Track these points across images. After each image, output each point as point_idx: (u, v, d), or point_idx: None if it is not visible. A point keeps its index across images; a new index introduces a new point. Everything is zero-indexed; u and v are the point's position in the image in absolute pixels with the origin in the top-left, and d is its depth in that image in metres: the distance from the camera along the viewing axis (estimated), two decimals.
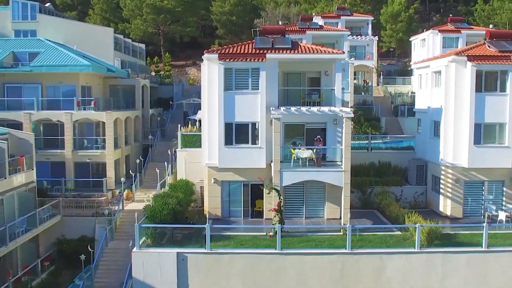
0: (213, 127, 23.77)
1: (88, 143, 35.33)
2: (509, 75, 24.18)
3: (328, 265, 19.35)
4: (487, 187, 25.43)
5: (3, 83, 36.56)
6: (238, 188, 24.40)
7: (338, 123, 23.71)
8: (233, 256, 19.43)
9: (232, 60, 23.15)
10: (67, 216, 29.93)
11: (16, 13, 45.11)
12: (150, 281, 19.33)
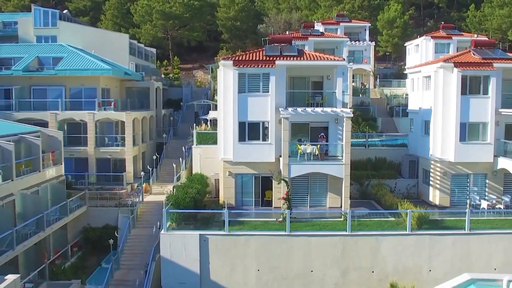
0: (228, 125, 26.28)
1: (108, 141, 37.80)
2: (491, 80, 26.72)
3: (330, 246, 21.86)
4: (472, 179, 27.96)
5: (30, 86, 38.98)
6: (250, 180, 26.89)
7: (339, 122, 26.21)
8: (248, 238, 21.94)
9: (245, 66, 25.67)
10: (92, 206, 32.42)
11: (38, 20, 47.54)
12: (176, 259, 21.84)
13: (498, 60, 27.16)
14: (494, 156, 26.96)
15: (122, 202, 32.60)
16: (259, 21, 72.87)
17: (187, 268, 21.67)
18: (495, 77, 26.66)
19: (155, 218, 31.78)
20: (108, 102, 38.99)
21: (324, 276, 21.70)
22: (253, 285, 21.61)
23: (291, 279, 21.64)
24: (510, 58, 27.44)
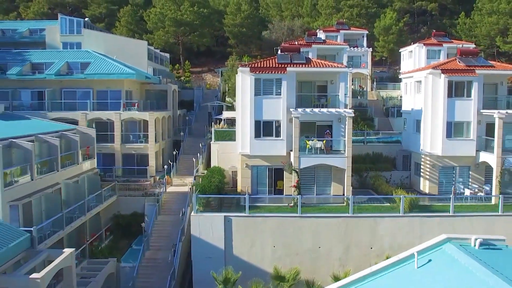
0: (245, 123, 29.49)
1: (133, 138, 40.99)
2: (474, 84, 29.98)
3: (335, 226, 25.08)
4: (457, 171, 31.23)
5: (61, 88, 42.18)
6: (264, 171, 30.09)
7: (342, 121, 29.44)
8: (265, 219, 25.16)
9: (261, 72, 28.91)
10: (121, 196, 35.63)
11: (64, 28, 50.54)
12: (204, 237, 25.04)
13: (480, 67, 30.43)
14: (476, 151, 30.27)
15: (148, 192, 35.84)
16: (264, 27, 75.84)
17: (213, 245, 24.90)
18: (477, 82, 29.96)
19: (177, 206, 35.06)
20: (132, 103, 42.19)
21: (330, 251, 24.94)
22: (269, 259, 24.82)
23: (302, 254, 24.87)
24: (491, 66, 30.75)
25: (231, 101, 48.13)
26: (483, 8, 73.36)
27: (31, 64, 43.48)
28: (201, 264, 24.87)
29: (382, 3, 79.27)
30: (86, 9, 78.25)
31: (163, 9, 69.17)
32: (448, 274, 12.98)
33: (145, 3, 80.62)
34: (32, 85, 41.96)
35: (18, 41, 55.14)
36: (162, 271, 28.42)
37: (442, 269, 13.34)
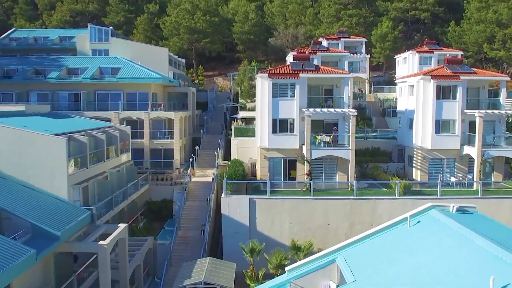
0: (264, 121, 33.58)
1: (159, 135, 45.01)
2: (458, 88, 34.14)
3: (342, 206, 29.20)
4: (445, 162, 35.38)
5: (95, 90, 46.18)
6: (279, 162, 34.20)
7: (346, 119, 33.54)
8: (283, 200, 29.29)
9: (277, 78, 33.03)
10: (152, 185, 39.70)
11: (93, 36, 54.52)
12: (233, 216, 29.15)
13: (464, 74, 34.58)
14: (460, 145, 34.46)
15: (175, 182, 39.90)
16: (269, 34, 79.81)
17: (240, 222, 29.02)
18: (461, 86, 34.11)
19: (202, 193, 39.15)
20: (158, 104, 46.27)
21: (337, 227, 29.04)
22: (287, 234, 28.92)
23: (314, 230, 28.96)
24: (473, 72, 34.92)
25: (244, 102, 52.19)
26: (472, 17, 76.89)
27: (67, 69, 47.45)
28: (230, 238, 29.00)
29: (378, 12, 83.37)
30: (105, 17, 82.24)
31: (178, 17, 73.15)
32: (433, 230, 17.06)
33: (159, 11, 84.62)
34: (69, 88, 45.97)
35: (49, 47, 59.19)
36: (193, 246, 32.48)
37: (429, 227, 17.43)
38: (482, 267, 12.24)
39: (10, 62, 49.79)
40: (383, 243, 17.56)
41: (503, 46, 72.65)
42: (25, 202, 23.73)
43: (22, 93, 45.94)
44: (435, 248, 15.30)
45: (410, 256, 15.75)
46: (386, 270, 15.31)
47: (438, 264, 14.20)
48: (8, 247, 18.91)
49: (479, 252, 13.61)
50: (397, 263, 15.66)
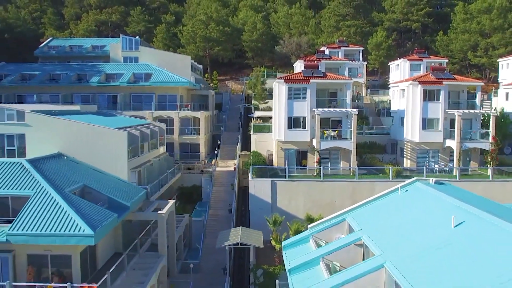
0: (280, 119, 39.11)
1: (187, 131, 50.50)
2: (441, 92, 39.71)
3: (346, 187, 34.77)
4: (430, 153, 40.95)
5: (130, 93, 51.68)
6: (293, 153, 39.74)
7: (349, 117, 39.10)
8: (299, 182, 34.85)
9: (292, 83, 38.58)
10: (184, 173, 45.16)
11: (125, 45, 59.87)
12: (258, 195, 34.70)
13: (446, 80, 40.17)
14: (443, 139, 40.01)
15: (203, 170, 45.42)
16: (275, 42, 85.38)
17: (264, 200, 34.55)
18: (444, 90, 39.69)
19: (225, 180, 44.67)
20: (185, 104, 51.80)
21: (342, 204, 34.38)
22: (301, 209, 34.45)
23: (323, 206, 34.47)
24: (454, 78, 40.52)
25: (257, 104, 57.74)
26: (458, 28, 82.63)
27: (105, 75, 52.93)
28: (256, 213, 34.55)
29: (374, 22, 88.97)
30: (127, 26, 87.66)
31: (194, 27, 78.67)
32: (417, 196, 22.65)
33: (175, 21, 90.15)
34: (108, 91, 51.47)
35: (84, 55, 64.66)
36: (222, 222, 37.99)
37: (413, 194, 23.03)
38: (447, 213, 17.91)
39: (55, 68, 55.25)
40: (380, 206, 23.26)
41: (485, 53, 78.47)
42: (98, 181, 29.17)
43: (67, 95, 51.43)
44: (417, 206, 21.05)
45: (400, 212, 21.50)
46: (382, 222, 21.02)
47: (418, 215, 19.91)
48: (99, 211, 24.44)
49: (446, 205, 19.34)
50: (390, 217, 21.39)
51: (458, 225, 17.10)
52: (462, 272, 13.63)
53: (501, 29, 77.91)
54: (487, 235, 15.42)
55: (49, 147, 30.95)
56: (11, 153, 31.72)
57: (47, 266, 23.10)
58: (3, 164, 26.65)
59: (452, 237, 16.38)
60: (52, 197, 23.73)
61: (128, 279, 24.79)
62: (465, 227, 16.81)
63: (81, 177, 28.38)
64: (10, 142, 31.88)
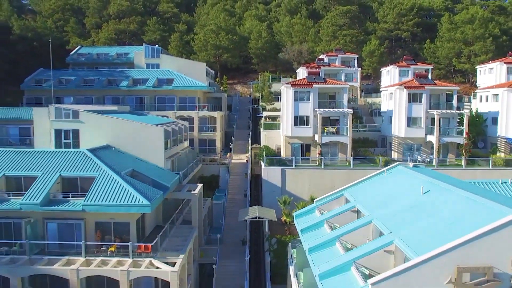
0: (288, 117, 44.73)
1: (205, 129, 56.08)
2: (423, 95, 45.35)
3: (343, 174, 40.35)
4: (414, 147, 46.60)
5: (155, 96, 57.21)
6: (298, 146, 45.34)
7: (345, 116, 44.72)
8: (304, 170, 40.47)
9: (297, 87, 44.20)
10: (203, 164, 50.73)
11: (147, 53, 65.40)
12: (270, 180, 40.33)
13: (428, 85, 45.82)
14: (425, 134, 45.65)
15: (220, 162, 51.03)
16: (278, 50, 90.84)
17: (275, 184, 40.18)
18: (425, 93, 45.35)
19: (239, 170, 50.22)
20: (203, 105, 57.39)
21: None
22: (306, 192, 40.07)
23: (325, 190, 39.79)
24: (434, 83, 46.17)
25: (264, 105, 63.35)
26: (443, 36, 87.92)
27: (132, 79, 58.49)
28: (268, 195, 40.18)
29: (368, 31, 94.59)
30: (143, 35, 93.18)
31: (205, 36, 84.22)
32: (399, 175, 28.27)
33: (187, 30, 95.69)
34: (135, 93, 57.01)
35: (110, 61, 70.21)
36: (238, 205, 43.53)
37: (396, 174, 28.66)
38: (418, 185, 23.53)
39: (88, 73, 60.82)
40: (370, 183, 28.90)
41: (468, 60, 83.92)
42: (142, 167, 34.75)
43: (100, 97, 56.98)
44: (397, 182, 26.69)
45: (384, 186, 27.15)
46: (371, 194, 26.64)
47: (398, 187, 25.55)
48: (149, 189, 30.02)
49: (418, 180, 25.00)
50: (377, 190, 27.02)
51: (425, 192, 22.74)
52: (426, 221, 19.28)
53: (482, 38, 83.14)
54: (444, 197, 21.09)
55: (99, 140, 36.57)
56: (67, 145, 37.34)
57: (111, 231, 28.65)
58: (68, 152, 32.37)
59: (420, 200, 22.04)
60: (113, 178, 29.32)
61: (171, 243, 30.39)
62: (430, 193, 22.46)
63: (128, 163, 33.98)
64: (67, 136, 37.52)
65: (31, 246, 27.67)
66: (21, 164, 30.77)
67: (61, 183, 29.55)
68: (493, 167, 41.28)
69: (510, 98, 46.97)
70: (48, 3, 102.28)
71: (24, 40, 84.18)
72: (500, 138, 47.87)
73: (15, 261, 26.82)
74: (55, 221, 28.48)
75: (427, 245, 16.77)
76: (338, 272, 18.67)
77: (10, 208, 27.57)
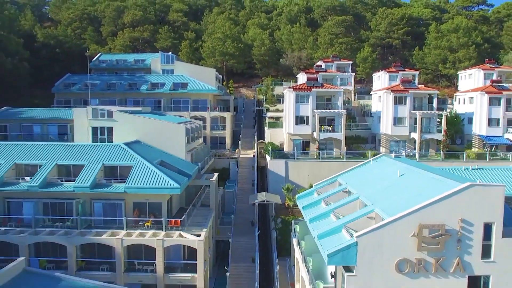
0: (290, 117, 49.93)
1: (216, 128, 61.27)
2: (407, 98, 50.58)
3: (338, 165, 45.39)
4: (400, 143, 51.80)
5: (171, 98, 62.39)
6: (299, 142, 50.54)
7: (340, 116, 49.93)
8: (304, 162, 45.68)
9: (298, 91, 49.44)
10: (216, 159, 55.88)
11: (163, 59, 70.65)
12: (275, 170, 45.52)
13: (411, 89, 51.05)
14: (409, 132, 50.87)
15: (230, 156, 56.23)
16: (280, 56, 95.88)
17: (279, 174, 45.37)
18: (409, 96, 50.57)
19: (247, 163, 55.39)
20: (214, 107, 62.61)
21: None
22: (306, 181, 45.22)
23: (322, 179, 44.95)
24: (417, 88, 51.40)
25: (268, 106, 68.56)
26: (431, 44, 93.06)
27: (151, 84, 63.67)
28: (273, 183, 45.41)
29: (362, 39, 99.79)
30: (156, 42, 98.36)
31: (213, 44, 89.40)
32: (382, 163, 33.52)
33: (195, 38, 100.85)
34: (154, 96, 62.17)
35: (128, 67, 75.41)
36: (248, 192, 48.64)
37: (380, 162, 33.90)
38: (396, 170, 28.76)
39: (111, 78, 66.03)
40: (359, 170, 34.15)
41: (453, 66, 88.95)
42: (168, 158, 39.90)
43: (122, 99, 62.13)
44: (380, 168, 31.91)
45: (370, 172, 32.40)
46: (359, 178, 31.88)
47: (380, 172, 30.79)
48: (177, 176, 35.18)
49: (397, 166, 30.23)
50: (364, 175, 32.26)
51: (401, 175, 27.97)
52: (399, 195, 24.50)
53: (466, 46, 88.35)
54: (414, 178, 26.33)
55: (130, 136, 41.74)
56: (102, 140, 42.50)
57: (146, 209, 33.80)
58: (108, 145, 37.58)
59: (397, 181, 27.28)
60: (147, 166, 34.49)
61: (194, 221, 35.55)
62: (404, 176, 27.70)
63: (157, 155, 39.14)
64: (102, 132, 42.71)
65: (81, 221, 32.83)
66: (70, 155, 35.97)
67: (104, 171, 34.68)
68: (467, 160, 46.49)
69: (483, 101, 52.26)
70: (67, 12, 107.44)
71: (47, 47, 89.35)
72: (475, 136, 53.13)
73: (69, 233, 31.97)
74: (101, 201, 33.63)
75: (398, 210, 21.98)
76: (332, 233, 23.84)
77: (65, 190, 32.74)
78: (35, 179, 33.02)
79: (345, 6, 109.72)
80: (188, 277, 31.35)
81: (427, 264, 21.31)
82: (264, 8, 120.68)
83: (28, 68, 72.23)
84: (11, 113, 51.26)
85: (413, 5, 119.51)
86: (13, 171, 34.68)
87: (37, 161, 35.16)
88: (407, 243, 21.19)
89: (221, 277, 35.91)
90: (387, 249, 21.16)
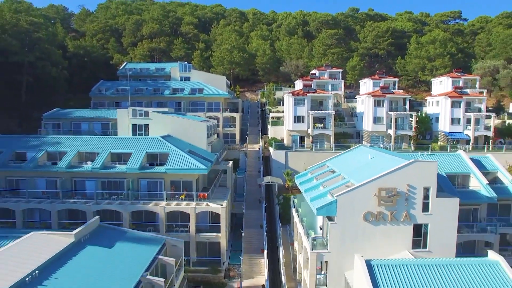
0: (289, 117, 58.38)
1: (228, 126, 69.67)
2: (385, 101, 59.08)
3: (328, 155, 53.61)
4: (379, 138, 60.26)
5: (189, 101, 70.78)
6: (297, 137, 59.00)
7: (330, 116, 58.42)
8: (302, 152, 54.14)
9: (296, 95, 57.93)
10: (228, 151, 64.28)
11: (181, 68, 79.00)
12: (277, 159, 53.97)
13: (388, 94, 59.55)
14: (386, 129, 59.36)
15: (239, 149, 64.67)
16: (279, 64, 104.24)
17: (280, 162, 53.87)
18: (386, 100, 59.06)
19: (253, 155, 63.88)
20: (225, 108, 71.08)
21: None
22: (302, 168, 53.57)
23: None
24: (392, 93, 59.92)
25: (270, 108, 77.03)
26: (412, 54, 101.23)
27: (172, 89, 72.09)
28: (276, 169, 53.88)
29: (351, 49, 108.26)
30: (171, 52, 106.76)
31: (222, 54, 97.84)
32: (360, 151, 42.02)
33: (205, 48, 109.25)
34: (175, 99, 70.54)
35: (151, 75, 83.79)
36: (255, 177, 57.14)
37: (358, 150, 42.42)
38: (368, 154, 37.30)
39: (138, 84, 74.43)
40: (343, 156, 42.73)
41: (431, 73, 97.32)
42: (194, 148, 48.30)
43: (148, 102, 70.51)
44: (358, 154, 40.49)
45: (350, 157, 40.95)
46: (342, 161, 40.44)
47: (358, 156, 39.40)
48: (202, 161, 43.67)
49: (370, 152, 38.87)
50: (346, 160, 40.79)
51: (372, 158, 36.46)
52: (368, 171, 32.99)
53: (442, 56, 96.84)
54: (380, 159, 34.86)
55: (162, 131, 50.18)
56: (140, 134, 50.90)
57: (180, 186, 42.18)
58: (148, 138, 46.02)
59: (368, 162, 35.78)
60: (180, 153, 42.90)
61: (216, 196, 43.95)
62: (374, 158, 36.20)
63: (185, 146, 47.54)
64: (140, 128, 51.11)
65: (131, 195, 41.21)
66: (119, 145, 44.33)
67: (146, 157, 43.05)
68: (432, 152, 54.91)
69: (447, 104, 60.79)
70: (91, 25, 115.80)
71: (77, 56, 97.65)
72: (440, 132, 61.66)
73: (122, 203, 40.35)
74: (145, 180, 42.00)
75: (365, 179, 30.45)
76: (320, 197, 32.31)
77: (119, 171, 41.14)
78: (95, 163, 41.40)
79: (337, 20, 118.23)
80: (213, 236, 39.78)
81: (384, 215, 29.75)
82: (265, 20, 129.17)
83: (67, 75, 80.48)
84: (62, 113, 59.70)
85: (397, 18, 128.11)
86: (76, 157, 43.05)
87: (94, 149, 43.54)
88: (370, 201, 29.64)
89: (236, 240, 44.41)
90: (357, 204, 29.59)
